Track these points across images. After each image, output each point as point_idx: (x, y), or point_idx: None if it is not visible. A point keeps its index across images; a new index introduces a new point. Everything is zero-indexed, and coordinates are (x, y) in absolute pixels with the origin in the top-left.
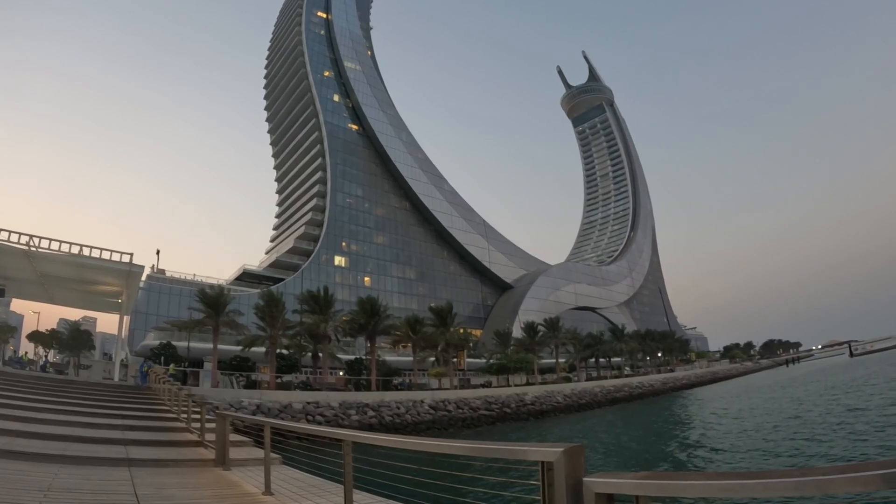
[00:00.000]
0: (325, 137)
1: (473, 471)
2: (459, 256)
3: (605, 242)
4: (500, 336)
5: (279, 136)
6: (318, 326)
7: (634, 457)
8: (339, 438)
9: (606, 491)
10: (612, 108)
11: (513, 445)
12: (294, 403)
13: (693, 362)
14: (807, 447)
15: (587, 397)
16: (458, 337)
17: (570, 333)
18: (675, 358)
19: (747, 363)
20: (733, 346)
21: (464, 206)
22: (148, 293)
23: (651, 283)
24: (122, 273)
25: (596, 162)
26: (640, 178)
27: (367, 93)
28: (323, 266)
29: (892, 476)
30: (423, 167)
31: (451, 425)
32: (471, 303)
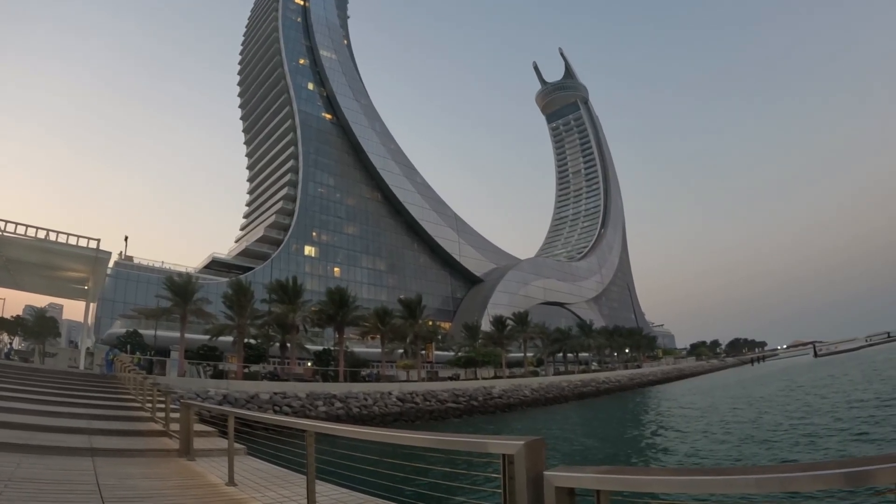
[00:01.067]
0: (298, 126)
1: (436, 463)
2: (430, 249)
3: (575, 238)
4: (468, 329)
5: (252, 124)
6: (286, 316)
7: (598, 451)
8: (302, 429)
9: (567, 485)
10: (586, 105)
11: (474, 438)
12: (261, 394)
13: (660, 359)
14: (767, 445)
15: (554, 392)
16: (426, 329)
17: (539, 328)
18: (642, 354)
19: (713, 361)
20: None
21: (435, 198)
22: (115, 280)
23: (620, 279)
24: (88, 259)
25: (568, 158)
26: (611, 175)
27: (341, 82)
28: (293, 255)
29: (852, 475)
30: (396, 158)
31: (418, 417)
32: (440, 295)
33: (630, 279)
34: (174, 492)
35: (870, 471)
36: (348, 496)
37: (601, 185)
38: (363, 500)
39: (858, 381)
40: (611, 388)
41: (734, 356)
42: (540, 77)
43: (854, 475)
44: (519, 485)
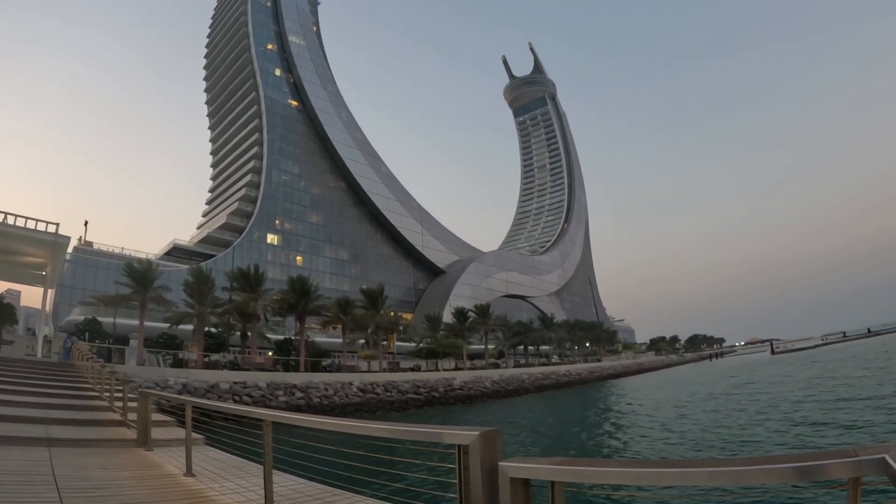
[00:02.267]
0: (264, 112)
1: (394, 453)
2: (393, 239)
3: (538, 233)
4: (430, 320)
5: (217, 109)
6: (247, 305)
7: (556, 443)
8: (260, 418)
9: (521, 476)
10: (553, 101)
11: (430, 428)
12: (221, 383)
13: (620, 353)
14: (722, 439)
15: (515, 384)
16: (388, 320)
17: (500, 320)
18: (602, 348)
19: (672, 356)
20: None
21: (400, 189)
22: (74, 266)
23: (582, 274)
24: (46, 244)
25: (534, 153)
26: (576, 171)
27: (309, 69)
28: (255, 243)
29: (804, 469)
30: (362, 148)
31: (379, 408)
32: (403, 286)
33: (592, 274)
34: (131, 483)
35: (821, 465)
36: (305, 486)
37: (566, 181)
38: (320, 490)
39: (813, 378)
40: (571, 381)
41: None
42: (509, 71)
43: (806, 469)
44: (474, 475)
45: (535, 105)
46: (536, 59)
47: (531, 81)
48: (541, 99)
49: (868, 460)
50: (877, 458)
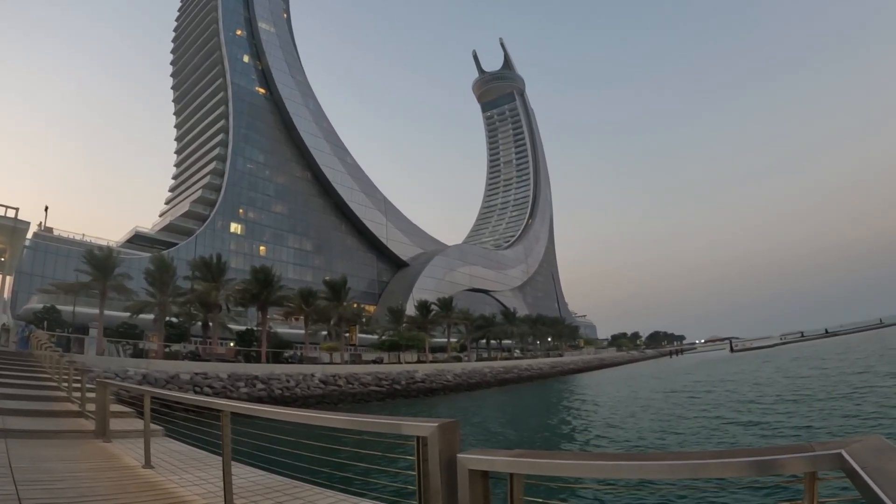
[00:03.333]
0: (231, 99)
1: (354, 445)
2: (357, 231)
3: (503, 227)
4: (393, 313)
5: (183, 94)
6: (209, 294)
7: (517, 436)
8: (218, 409)
9: (480, 468)
10: (522, 97)
11: (389, 419)
12: (182, 374)
13: (581, 348)
14: (681, 433)
15: (477, 377)
16: (351, 312)
17: (463, 314)
18: (564, 343)
19: (633, 352)
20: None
21: (365, 180)
22: (33, 253)
23: (545, 269)
24: (5, 229)
25: (501, 148)
26: (542, 167)
27: (278, 56)
28: (218, 232)
29: (761, 463)
30: (328, 138)
31: (341, 400)
32: (366, 278)
33: (555, 269)
34: (89, 474)
35: (778, 460)
36: (265, 478)
37: (531, 176)
38: (280, 482)
39: (770, 375)
40: (532, 376)
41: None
42: (479, 66)
43: (763, 463)
44: (433, 466)
45: (503, 100)
46: (507, 55)
47: (500, 77)
48: (509, 94)
49: (824, 455)
50: (833, 453)
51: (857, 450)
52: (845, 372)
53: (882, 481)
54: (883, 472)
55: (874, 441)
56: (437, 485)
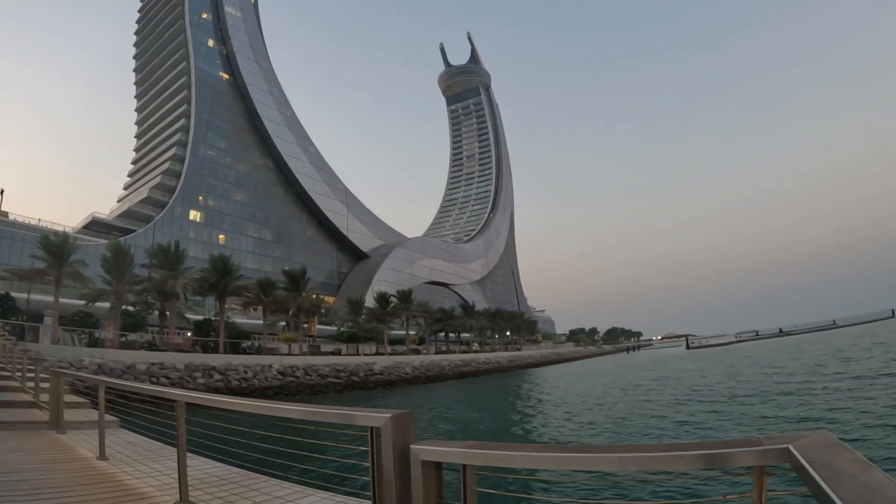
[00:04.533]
0: (194, 83)
1: (310, 436)
2: (318, 221)
3: (464, 221)
4: (352, 304)
5: (145, 77)
6: (166, 283)
7: (474, 429)
8: (173, 399)
9: (433, 459)
10: (487, 91)
11: (343, 410)
12: (138, 364)
13: (540, 343)
14: (633, 428)
15: (435, 370)
16: (310, 302)
17: (422, 307)
18: (522, 337)
19: (591, 347)
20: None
21: (327, 170)
22: None
23: (505, 264)
24: None
25: (464, 142)
26: (504, 162)
27: (243, 41)
28: (177, 220)
29: (711, 456)
30: (291, 126)
31: (298, 391)
32: (326, 269)
33: (515, 264)
34: (42, 466)
35: (728, 453)
36: (222, 470)
37: (493, 171)
38: (236, 473)
39: (723, 372)
40: (490, 369)
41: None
42: (445, 59)
43: (713, 457)
44: (386, 457)
45: (468, 94)
46: (473, 49)
47: (466, 71)
48: (475, 88)
49: (773, 449)
50: (781, 447)
51: (804, 445)
52: (796, 371)
53: (827, 476)
54: (828, 467)
55: (822, 437)
56: (391, 475)
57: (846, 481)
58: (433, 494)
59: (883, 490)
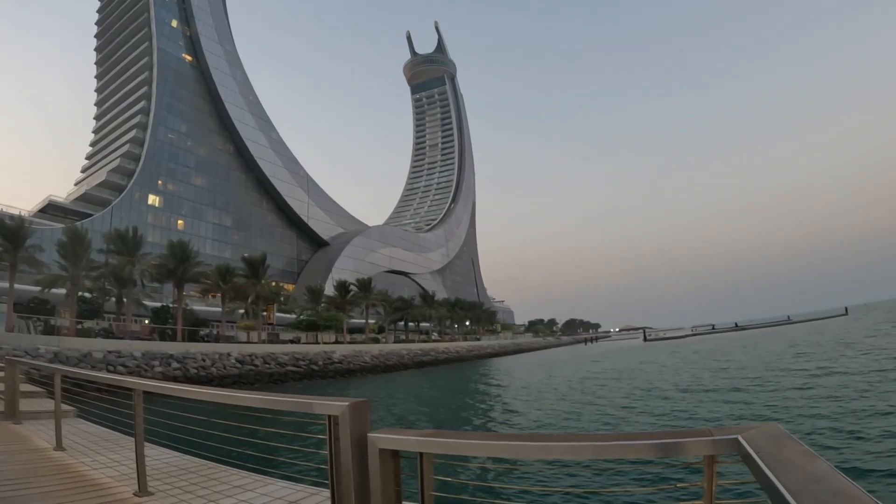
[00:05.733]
0: (156, 64)
1: (269, 425)
2: (278, 208)
3: (425, 210)
4: (312, 292)
5: (106, 56)
6: (124, 269)
7: (432, 418)
8: (130, 387)
9: (390, 447)
10: (452, 81)
11: (301, 398)
12: (95, 352)
13: (499, 333)
14: (587, 418)
15: (394, 359)
16: (269, 290)
17: (382, 295)
18: (482, 327)
19: (549, 338)
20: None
21: (289, 156)
22: None
23: (465, 254)
24: None
25: (427, 131)
26: (467, 153)
27: (208, 23)
28: (135, 204)
29: (663, 446)
30: (254, 111)
31: (257, 380)
32: (285, 256)
33: (475, 254)
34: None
35: (680, 443)
36: (180, 459)
37: (456, 161)
38: (195, 463)
39: (677, 365)
40: (450, 359)
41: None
42: (411, 47)
43: (665, 446)
44: (344, 446)
45: (433, 84)
46: (440, 39)
47: (432, 60)
48: (440, 78)
49: (723, 440)
50: (730, 438)
51: (753, 436)
52: (748, 366)
53: (774, 465)
54: (775, 458)
55: (770, 428)
56: (349, 463)
57: (792, 471)
58: (391, 482)
59: (827, 480)
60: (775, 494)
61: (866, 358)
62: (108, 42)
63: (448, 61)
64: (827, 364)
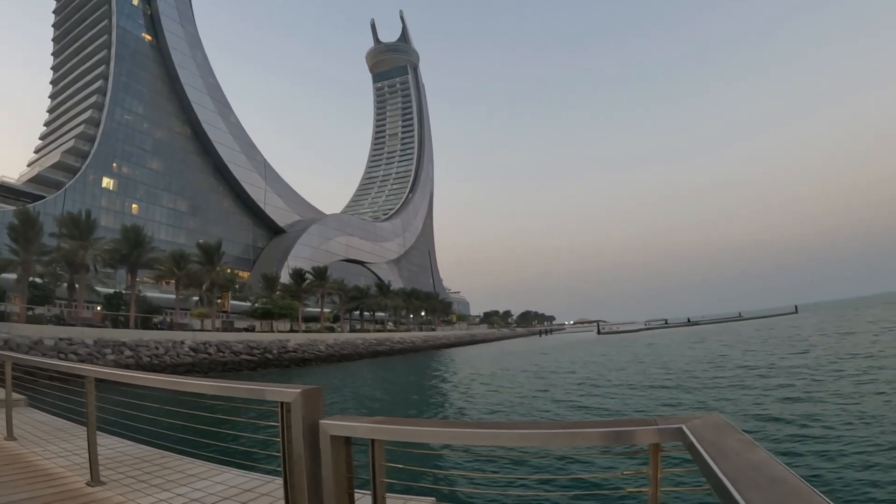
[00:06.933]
0: (115, 43)
1: (222, 412)
2: (235, 194)
3: (382, 200)
4: (267, 280)
5: (64, 33)
6: (76, 254)
7: (386, 406)
8: (81, 375)
9: (342, 434)
10: (415, 71)
11: (254, 385)
12: (46, 339)
13: (454, 324)
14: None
15: (349, 348)
16: (224, 277)
17: (338, 284)
18: (437, 318)
19: (504, 329)
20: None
21: (247, 141)
22: None
23: (422, 244)
24: None
25: (388, 120)
26: (427, 143)
27: (169, 2)
28: (89, 187)
29: (610, 434)
30: (213, 94)
31: (211, 369)
32: (241, 243)
33: (432, 245)
34: None
35: (627, 431)
36: (134, 448)
37: (415, 151)
38: (149, 452)
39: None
40: (405, 349)
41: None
42: (375, 35)
43: (612, 434)
44: (296, 432)
45: (395, 73)
46: (404, 28)
47: (395, 49)
48: (402, 67)
49: (667, 429)
50: (675, 427)
51: (696, 425)
52: (695, 359)
53: (715, 454)
54: (717, 446)
55: (713, 418)
56: (301, 450)
57: (732, 459)
58: (343, 468)
59: (764, 467)
60: (716, 481)
61: (811, 353)
62: (67, 18)
63: (411, 50)
64: (773, 358)
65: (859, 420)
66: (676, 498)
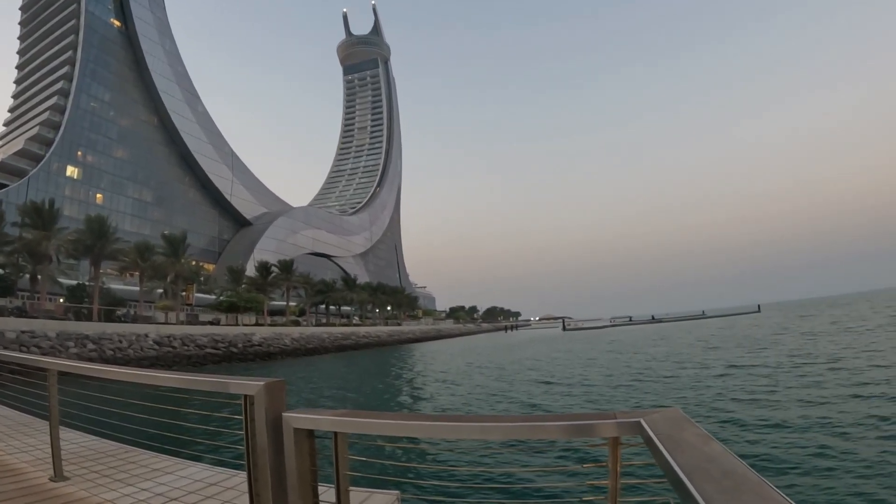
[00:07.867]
0: (82, 28)
1: (186, 406)
2: (201, 184)
3: (350, 193)
4: (232, 273)
5: (32, 16)
6: (39, 244)
7: (347, 398)
8: (44, 367)
9: (305, 426)
10: (386, 65)
11: (217, 378)
12: (7, 332)
13: (420, 319)
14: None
15: (315, 342)
16: (189, 269)
17: (304, 278)
18: (403, 313)
19: (470, 325)
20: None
21: (215, 131)
22: None
23: (389, 239)
24: None
25: (357, 114)
26: (395, 137)
27: None
28: (53, 175)
29: (571, 427)
30: (181, 82)
31: (175, 362)
32: (207, 235)
33: (399, 239)
34: None
35: (587, 425)
36: (98, 443)
37: (384, 145)
38: (113, 446)
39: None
40: (370, 343)
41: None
42: (347, 27)
43: (573, 428)
44: (259, 425)
45: (366, 66)
46: (377, 21)
47: (367, 42)
48: (373, 60)
49: (626, 422)
50: (633, 421)
51: (654, 419)
52: (657, 357)
53: (672, 447)
54: (673, 440)
55: (671, 413)
56: (264, 443)
57: (688, 452)
58: (306, 461)
59: (719, 460)
60: (672, 474)
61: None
62: (35, 1)
63: (382, 44)
64: (733, 356)
65: (812, 410)
66: (635, 489)
